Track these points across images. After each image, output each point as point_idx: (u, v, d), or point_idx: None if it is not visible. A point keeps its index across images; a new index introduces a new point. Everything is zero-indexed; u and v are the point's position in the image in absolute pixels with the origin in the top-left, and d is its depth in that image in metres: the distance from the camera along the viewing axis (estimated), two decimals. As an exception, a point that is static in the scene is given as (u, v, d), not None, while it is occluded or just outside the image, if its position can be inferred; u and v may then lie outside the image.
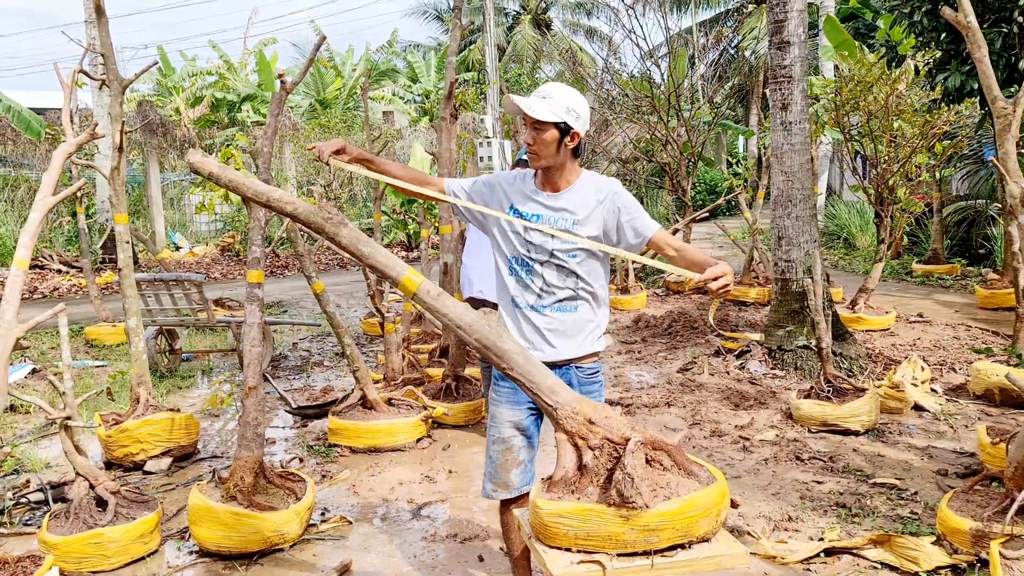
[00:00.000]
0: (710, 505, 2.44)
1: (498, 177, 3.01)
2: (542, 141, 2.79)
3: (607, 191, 2.85)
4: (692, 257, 2.82)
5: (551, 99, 2.78)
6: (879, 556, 3.50)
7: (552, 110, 2.76)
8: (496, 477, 3.00)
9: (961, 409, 5.61)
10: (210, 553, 3.72)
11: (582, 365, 2.95)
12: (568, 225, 2.83)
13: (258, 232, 4.17)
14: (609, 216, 2.84)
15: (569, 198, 2.86)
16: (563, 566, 2.37)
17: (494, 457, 3.00)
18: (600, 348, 2.98)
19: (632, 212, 2.85)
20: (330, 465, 4.92)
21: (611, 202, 2.84)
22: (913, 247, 13.18)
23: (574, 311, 2.89)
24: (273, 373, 7.16)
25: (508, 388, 3.00)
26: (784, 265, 6.74)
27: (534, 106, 2.75)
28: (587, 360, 2.95)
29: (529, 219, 2.87)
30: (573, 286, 2.87)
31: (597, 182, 2.89)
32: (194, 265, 15.10)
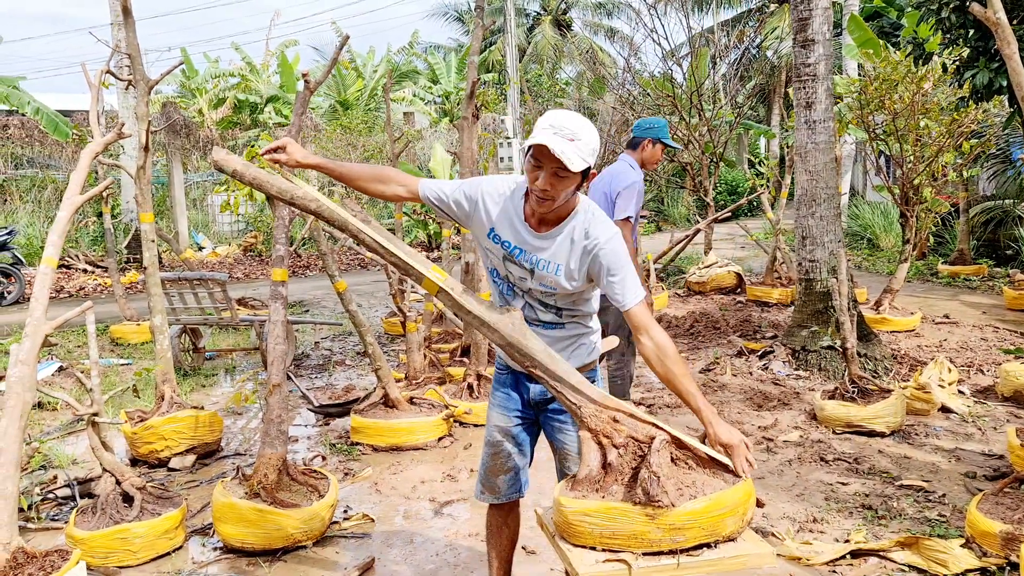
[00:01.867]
0: (736, 504, 2.42)
1: (483, 190, 2.65)
2: (562, 189, 2.44)
3: (595, 242, 2.52)
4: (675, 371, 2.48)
5: (580, 142, 2.38)
6: (906, 559, 3.46)
7: (583, 156, 2.39)
8: (485, 480, 2.95)
9: (989, 411, 5.54)
10: (234, 549, 3.74)
11: None
12: (550, 271, 2.57)
13: (282, 231, 4.19)
14: (592, 267, 2.55)
15: (554, 242, 2.55)
16: (588, 565, 2.36)
17: (484, 460, 2.94)
18: (592, 359, 2.82)
19: (616, 273, 2.52)
20: (352, 463, 4.93)
21: (595, 256, 2.52)
22: (939, 248, 13.03)
23: (561, 328, 2.73)
24: (295, 372, 7.20)
25: (502, 394, 2.90)
26: (808, 265, 6.68)
27: (570, 156, 2.35)
28: (580, 370, 2.73)
29: (510, 251, 2.62)
30: (555, 315, 2.71)
31: (590, 225, 2.54)
32: (217, 265, 15.22)
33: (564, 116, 2.43)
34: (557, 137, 2.36)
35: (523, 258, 2.61)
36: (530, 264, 2.60)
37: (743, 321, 8.51)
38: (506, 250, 2.63)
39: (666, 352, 2.50)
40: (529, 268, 2.61)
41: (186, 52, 22.96)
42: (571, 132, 2.38)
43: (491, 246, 2.67)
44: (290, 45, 24.50)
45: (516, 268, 2.64)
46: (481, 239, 2.70)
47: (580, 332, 2.78)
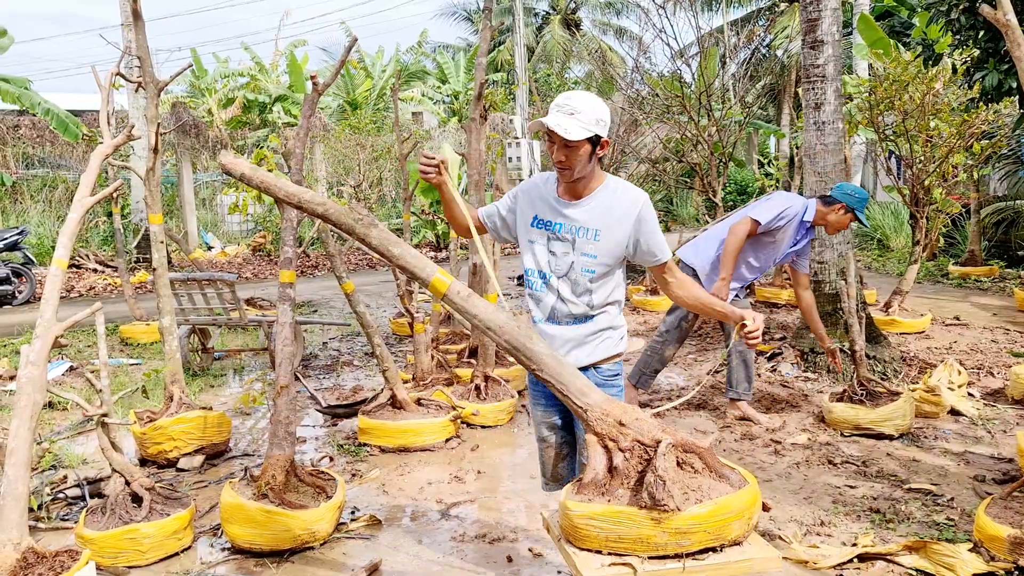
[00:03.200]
0: (742, 508, 2.42)
1: (519, 189, 2.99)
2: (576, 158, 2.73)
3: (631, 204, 2.79)
4: (696, 293, 2.90)
5: (580, 114, 2.69)
6: (914, 563, 3.45)
7: (584, 126, 2.68)
8: (546, 472, 3.17)
9: (999, 414, 5.51)
10: (242, 550, 3.75)
11: (601, 367, 2.97)
12: (590, 238, 2.81)
13: (290, 232, 4.21)
14: (630, 229, 2.79)
15: (590, 208, 2.81)
16: (594, 568, 2.36)
17: (541, 456, 3.16)
18: (621, 350, 2.99)
19: (652, 232, 2.80)
20: (360, 464, 4.94)
21: (634, 217, 2.78)
22: (949, 249, 12.97)
23: (590, 322, 2.91)
24: (303, 372, 7.22)
25: (540, 390, 3.07)
26: (817, 267, 6.66)
27: (567, 127, 2.67)
28: (607, 362, 2.96)
29: (553, 229, 2.87)
30: (587, 302, 2.87)
31: (622, 191, 2.82)
32: (226, 265, 15.28)
33: (568, 94, 2.75)
34: (559, 114, 2.70)
35: (564, 231, 2.84)
36: (571, 235, 2.83)
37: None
38: (550, 230, 2.87)
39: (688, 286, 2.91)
40: (571, 239, 2.83)
41: (195, 52, 23.07)
42: (571, 107, 2.70)
43: (536, 235, 2.90)
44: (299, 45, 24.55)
45: (560, 244, 2.86)
46: (525, 234, 2.93)
47: (607, 325, 2.92)
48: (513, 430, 5.57)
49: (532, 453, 5.11)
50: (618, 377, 3.02)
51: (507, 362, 6.42)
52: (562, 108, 2.71)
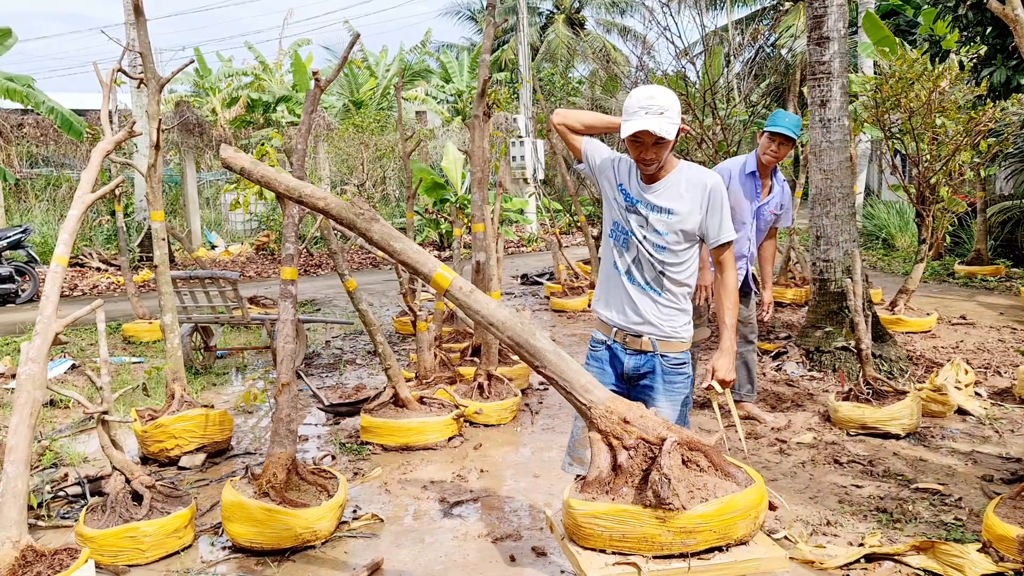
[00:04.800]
0: (748, 507, 2.38)
1: (617, 156, 3.06)
2: (663, 153, 2.84)
3: (705, 186, 2.88)
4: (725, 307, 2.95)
5: (668, 112, 2.78)
6: (922, 563, 3.40)
7: (673, 123, 2.78)
8: (574, 452, 3.16)
9: (1007, 413, 5.46)
10: (243, 549, 3.72)
11: (667, 354, 2.98)
12: (662, 215, 2.91)
13: (292, 229, 4.18)
14: (699, 209, 2.89)
15: (664, 191, 2.91)
16: (597, 568, 2.33)
17: (575, 432, 3.14)
18: (685, 336, 3.00)
19: (720, 213, 2.90)
20: (362, 463, 4.91)
21: (706, 199, 2.89)
22: (955, 248, 12.89)
23: (658, 295, 2.96)
24: (306, 371, 7.20)
25: (596, 368, 3.09)
26: (822, 265, 6.62)
27: (665, 128, 2.75)
28: (673, 349, 2.98)
29: (632, 203, 2.98)
30: (658, 275, 2.95)
31: (695, 175, 2.91)
32: (229, 264, 15.26)
33: (649, 93, 2.80)
34: (650, 117, 2.77)
35: (641, 206, 2.95)
36: (645, 211, 2.94)
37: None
38: (628, 202, 2.97)
39: (732, 291, 2.95)
40: (644, 215, 2.94)
41: (199, 52, 23.04)
42: (659, 107, 2.78)
43: (619, 197, 3.01)
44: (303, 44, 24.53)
45: (635, 217, 2.96)
46: (611, 191, 3.04)
47: (676, 307, 2.98)
48: (516, 429, 5.54)
49: (535, 451, 5.07)
50: (685, 366, 3.03)
51: (510, 361, 6.39)
52: (650, 109, 2.78)
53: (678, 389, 3.03)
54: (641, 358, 3.00)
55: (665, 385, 3.00)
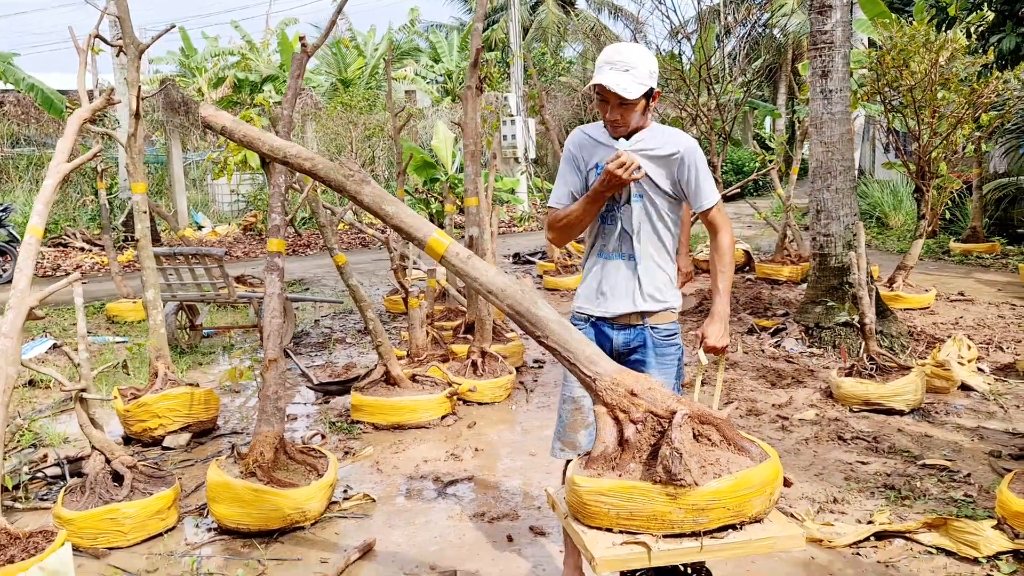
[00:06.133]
0: (763, 483, 2.24)
1: (574, 147, 2.85)
2: (631, 115, 2.68)
3: (682, 147, 2.73)
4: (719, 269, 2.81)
5: (635, 69, 2.60)
6: (934, 540, 3.29)
7: (640, 82, 2.61)
8: (564, 436, 2.95)
9: (1011, 389, 5.36)
10: (229, 531, 3.58)
11: (658, 326, 2.83)
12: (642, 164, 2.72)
13: (278, 199, 4.01)
14: (679, 172, 2.73)
15: (642, 143, 2.73)
16: (604, 547, 2.19)
17: (563, 416, 2.95)
18: (675, 305, 2.86)
19: (701, 176, 2.74)
20: (353, 442, 4.77)
21: (685, 158, 2.72)
22: (950, 226, 12.80)
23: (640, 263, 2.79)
24: (295, 350, 7.03)
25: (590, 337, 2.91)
26: (823, 240, 6.49)
27: (625, 85, 2.59)
28: (663, 320, 2.82)
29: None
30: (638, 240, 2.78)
31: (670, 135, 2.76)
32: (216, 244, 15.04)
33: (617, 49, 2.66)
34: (614, 72, 2.60)
35: None
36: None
37: (753, 299, 8.32)
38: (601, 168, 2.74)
39: (725, 253, 2.80)
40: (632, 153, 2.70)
41: (184, 31, 22.66)
42: (625, 63, 2.61)
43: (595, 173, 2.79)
44: (290, 23, 24.18)
45: None
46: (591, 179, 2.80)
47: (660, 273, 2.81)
48: (511, 407, 5.40)
49: (531, 430, 4.94)
50: (676, 336, 2.88)
51: (504, 338, 6.25)
52: (615, 64, 2.61)
53: (671, 361, 2.88)
54: (631, 332, 2.84)
55: (658, 358, 2.85)
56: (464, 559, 3.35)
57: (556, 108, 21.15)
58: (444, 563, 3.31)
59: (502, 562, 3.32)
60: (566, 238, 2.98)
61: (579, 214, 2.80)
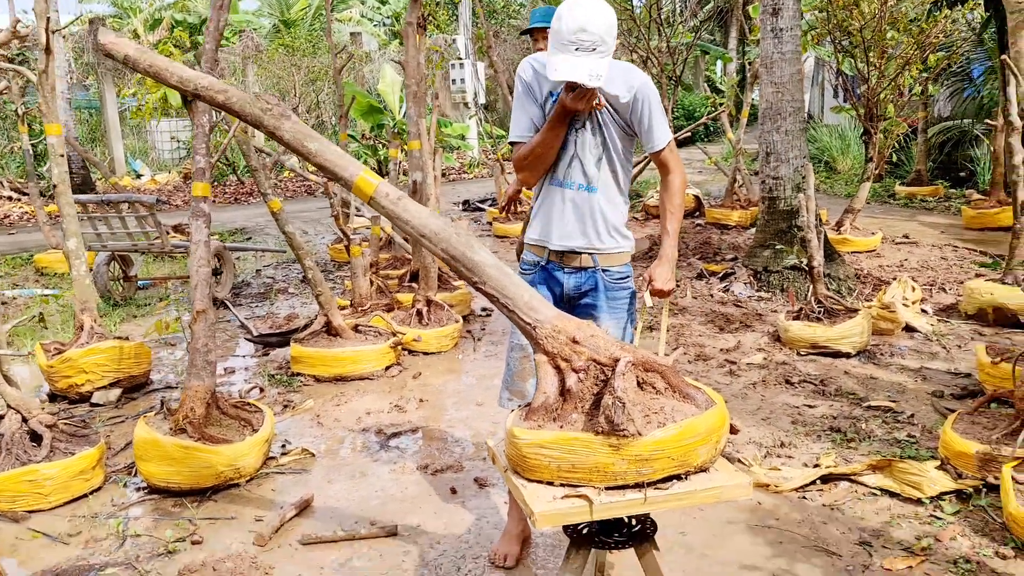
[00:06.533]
0: (709, 431, 2.16)
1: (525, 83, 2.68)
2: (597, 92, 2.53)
3: (636, 83, 2.58)
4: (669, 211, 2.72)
5: (604, 44, 2.41)
6: (879, 482, 3.28)
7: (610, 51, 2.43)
8: (512, 385, 2.84)
9: (953, 329, 5.41)
10: (159, 490, 3.42)
11: (609, 269, 2.72)
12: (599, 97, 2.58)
13: (202, 140, 3.76)
14: (632, 110, 2.60)
15: None
16: (545, 502, 2.09)
17: (511, 364, 2.84)
18: (626, 247, 2.75)
19: (655, 114, 2.62)
20: (293, 395, 4.61)
21: (638, 95, 2.58)
22: (895, 170, 12.92)
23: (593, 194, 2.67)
24: (235, 301, 6.80)
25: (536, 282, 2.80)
26: (772, 183, 6.43)
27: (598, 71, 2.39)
28: (615, 262, 2.72)
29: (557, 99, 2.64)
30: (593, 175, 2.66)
31: (624, 71, 2.61)
32: (155, 192, 14.50)
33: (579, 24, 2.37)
34: (582, 58, 2.38)
35: None
36: None
37: (702, 244, 8.29)
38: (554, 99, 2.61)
39: (675, 194, 2.72)
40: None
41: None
42: (592, 39, 2.38)
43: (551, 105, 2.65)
44: (228, -40, 23.06)
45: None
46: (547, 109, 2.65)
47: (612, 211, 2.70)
48: (458, 356, 5.28)
49: (478, 379, 4.84)
50: (628, 280, 2.77)
51: (451, 286, 6.10)
52: (581, 45, 2.38)
53: (622, 306, 2.78)
54: (582, 276, 2.72)
55: (609, 303, 2.74)
56: (406, 513, 3.25)
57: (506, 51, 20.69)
58: (385, 518, 3.21)
59: (445, 515, 3.23)
60: (537, 173, 2.75)
61: (545, 143, 2.65)
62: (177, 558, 2.94)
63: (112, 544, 3.06)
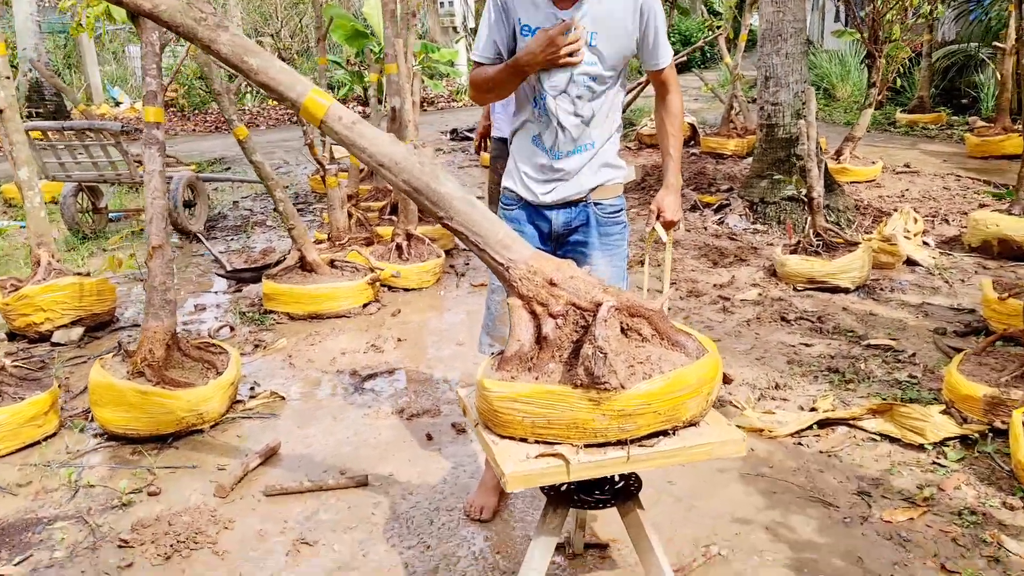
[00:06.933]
0: (700, 383, 1.95)
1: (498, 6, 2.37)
2: None
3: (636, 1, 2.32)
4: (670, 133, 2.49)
5: None
6: (879, 427, 3.10)
7: None
8: (494, 331, 2.62)
9: (956, 263, 5.19)
10: (117, 436, 3.22)
11: (602, 202, 2.46)
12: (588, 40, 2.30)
13: (152, 60, 3.45)
14: (632, 27, 2.34)
15: (585, 9, 2.28)
16: (517, 461, 1.89)
17: (492, 308, 2.62)
18: (620, 177, 2.51)
19: (660, 30, 2.38)
20: (265, 334, 4.39)
21: (644, 9, 2.32)
22: (896, 96, 12.52)
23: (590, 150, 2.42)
24: (208, 234, 6.53)
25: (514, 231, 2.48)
26: (770, 109, 6.11)
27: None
28: (608, 194, 2.46)
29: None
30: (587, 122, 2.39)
31: None
32: (133, 120, 14.03)
33: None
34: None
35: None
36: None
37: (697, 174, 7.99)
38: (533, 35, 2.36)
39: (676, 115, 2.50)
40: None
41: None
42: None
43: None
44: None
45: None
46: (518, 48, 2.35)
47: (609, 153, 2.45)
48: (440, 292, 5.06)
49: (460, 317, 4.63)
50: (621, 213, 2.52)
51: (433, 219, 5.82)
52: None
53: (616, 242, 2.54)
54: (572, 211, 2.46)
55: (601, 239, 2.49)
56: (378, 461, 3.06)
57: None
58: (356, 466, 3.03)
59: (420, 463, 3.05)
60: (484, 101, 2.65)
61: (500, 82, 2.37)
62: (132, 511, 2.76)
63: (63, 495, 2.87)
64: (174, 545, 2.53)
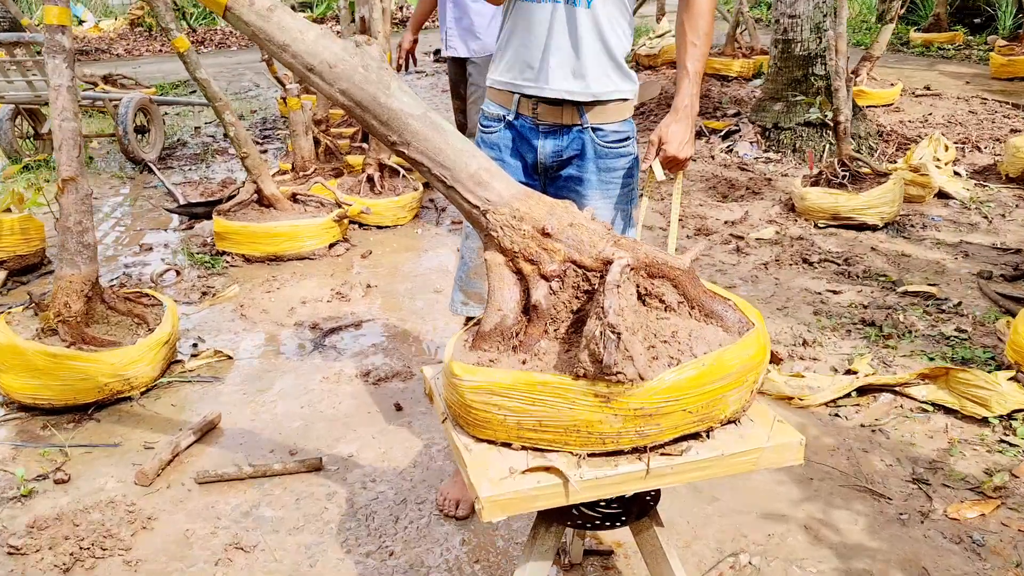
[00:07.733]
0: (744, 369, 1.44)
1: None
2: None
3: None
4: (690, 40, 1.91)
5: None
6: (931, 395, 2.62)
7: None
8: (468, 285, 2.14)
9: (993, 195, 4.67)
10: (28, 407, 2.71)
11: (603, 127, 1.93)
12: None
13: (53, -52, 2.81)
14: None
15: None
16: (497, 478, 1.38)
17: (467, 258, 2.13)
18: (627, 93, 1.96)
19: None
20: (215, 279, 3.85)
21: None
22: (908, 16, 11.79)
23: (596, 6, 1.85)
24: (163, 164, 5.91)
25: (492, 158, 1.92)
26: (787, 22, 5.47)
27: None
28: (611, 117, 1.92)
29: None
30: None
31: None
32: (96, 40, 13.17)
33: None
34: None
35: None
36: None
37: (701, 97, 7.33)
38: None
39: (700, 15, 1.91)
40: None
41: None
42: None
43: None
44: None
45: None
46: None
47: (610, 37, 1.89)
48: (416, 231, 4.51)
49: (439, 260, 4.10)
50: (629, 143, 1.98)
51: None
52: None
53: (620, 179, 1.99)
54: (563, 137, 1.91)
55: (600, 174, 1.94)
56: (337, 438, 2.57)
57: None
58: (309, 445, 2.54)
59: (385, 440, 2.56)
60: None
61: None
62: (31, 504, 2.27)
63: (-48, 485, 2.38)
64: (75, 553, 2.05)
